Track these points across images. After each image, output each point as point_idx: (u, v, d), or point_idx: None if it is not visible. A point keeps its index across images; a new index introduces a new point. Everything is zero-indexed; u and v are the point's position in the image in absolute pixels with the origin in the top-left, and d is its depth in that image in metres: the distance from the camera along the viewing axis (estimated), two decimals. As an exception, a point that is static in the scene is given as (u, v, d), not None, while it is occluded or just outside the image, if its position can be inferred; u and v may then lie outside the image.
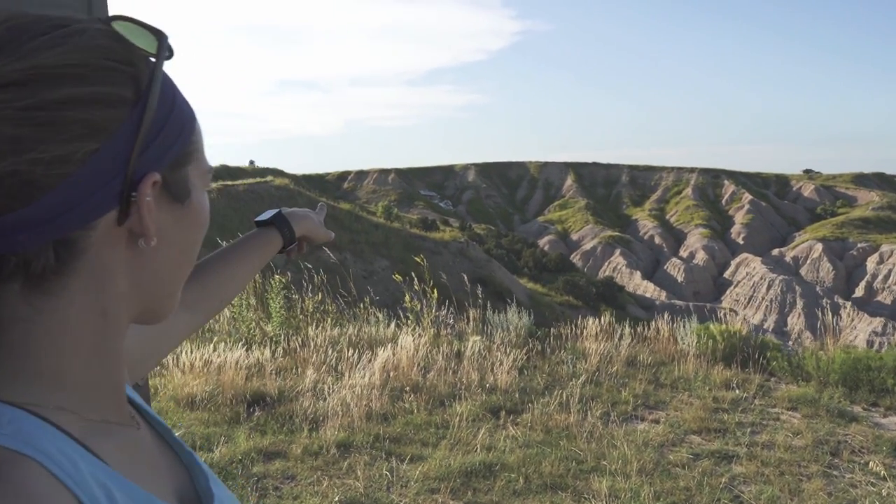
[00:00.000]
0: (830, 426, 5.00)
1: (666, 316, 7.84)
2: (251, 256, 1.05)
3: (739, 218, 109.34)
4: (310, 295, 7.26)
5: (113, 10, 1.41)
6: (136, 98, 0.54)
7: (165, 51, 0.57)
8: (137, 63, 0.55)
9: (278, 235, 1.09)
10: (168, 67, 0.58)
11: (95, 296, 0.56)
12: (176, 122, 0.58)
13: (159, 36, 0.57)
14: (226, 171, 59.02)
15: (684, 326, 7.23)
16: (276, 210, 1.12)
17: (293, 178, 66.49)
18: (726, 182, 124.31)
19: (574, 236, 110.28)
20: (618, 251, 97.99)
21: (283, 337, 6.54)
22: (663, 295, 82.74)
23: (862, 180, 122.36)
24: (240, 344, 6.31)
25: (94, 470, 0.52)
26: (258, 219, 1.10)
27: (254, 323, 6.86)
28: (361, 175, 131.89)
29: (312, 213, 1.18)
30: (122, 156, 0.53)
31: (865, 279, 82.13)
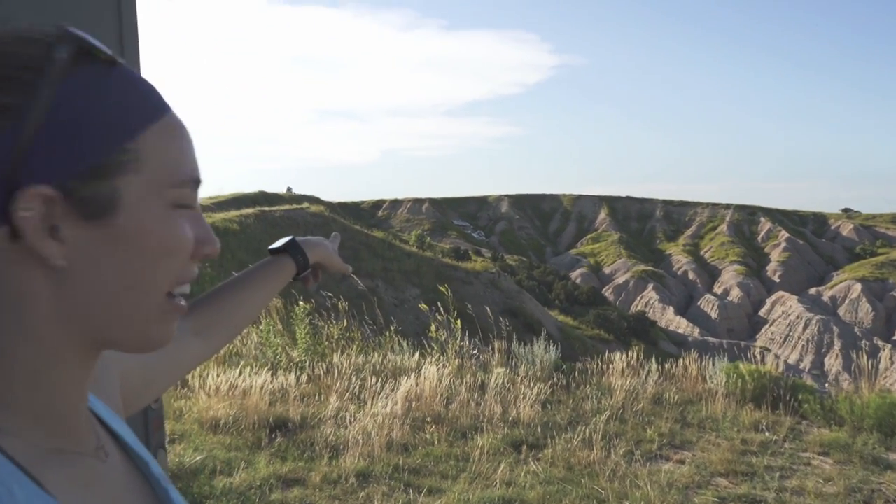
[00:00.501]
0: (864, 473, 4.80)
1: (695, 353, 7.68)
2: (264, 283, 1.04)
3: (776, 256, 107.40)
4: (334, 322, 7.28)
5: (148, 17, 1.44)
6: (23, 106, 0.50)
7: (60, 51, 0.52)
8: (49, 71, 0.51)
9: (291, 262, 1.08)
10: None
11: (17, 317, 0.53)
12: (92, 128, 0.52)
13: (53, 40, 0.52)
14: (264, 197, 59.97)
15: (713, 364, 7.07)
16: (290, 237, 1.11)
17: (329, 205, 67.21)
18: (762, 219, 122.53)
19: (606, 270, 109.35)
20: (650, 286, 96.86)
21: (308, 363, 6.55)
22: (696, 331, 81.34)
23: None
24: (265, 369, 6.33)
25: (32, 498, 0.50)
26: (272, 247, 1.09)
27: (280, 348, 6.89)
28: (396, 204, 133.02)
29: (326, 241, 1.17)
30: (2, 168, 0.49)
31: (906, 321, 79.73)
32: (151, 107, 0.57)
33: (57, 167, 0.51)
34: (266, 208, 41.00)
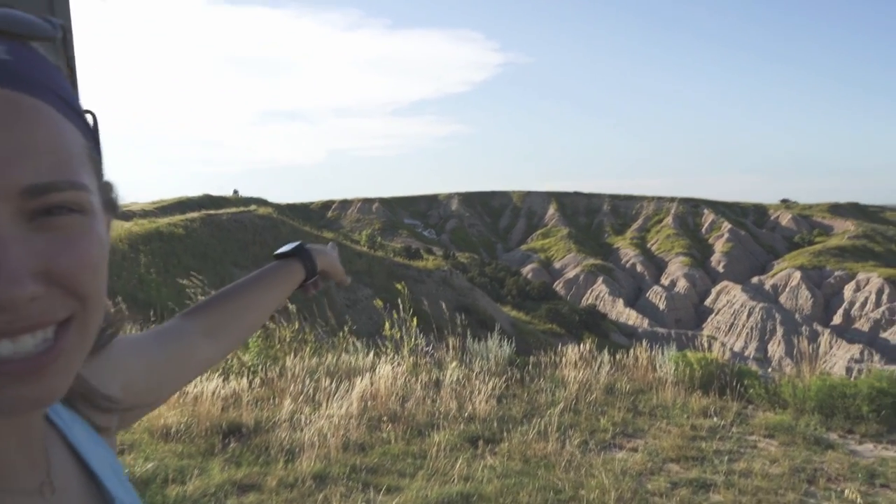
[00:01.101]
0: (807, 454, 4.99)
1: (645, 343, 7.84)
2: (274, 287, 1.03)
3: (719, 246, 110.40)
4: (285, 325, 7.19)
5: (81, 16, 1.40)
6: None
7: None
8: None
9: (301, 267, 1.07)
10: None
11: None
12: None
13: None
14: (209, 201, 58.78)
15: (663, 354, 7.23)
16: (298, 242, 1.11)
17: (277, 207, 66.33)
18: (706, 211, 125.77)
19: (557, 264, 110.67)
20: (600, 279, 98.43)
21: (260, 367, 6.46)
22: (645, 322, 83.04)
23: (838, 210, 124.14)
24: (217, 374, 6.22)
25: None
26: (278, 252, 1.09)
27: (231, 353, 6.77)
28: (345, 204, 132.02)
29: (330, 249, 1.17)
30: None
31: (843, 306, 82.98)
32: None
33: None
34: (212, 212, 40.10)
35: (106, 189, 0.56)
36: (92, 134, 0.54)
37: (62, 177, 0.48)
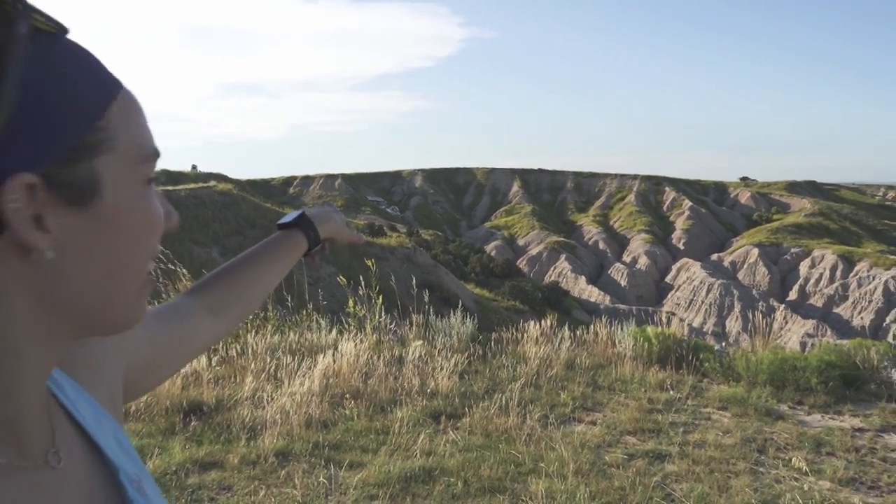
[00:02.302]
0: (758, 424, 5.18)
1: (605, 320, 8.00)
2: (276, 260, 1.02)
3: (680, 224, 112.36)
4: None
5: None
6: None
7: (20, 26, 0.46)
8: (14, 49, 0.46)
9: (303, 237, 1.06)
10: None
11: None
12: (61, 106, 0.48)
13: (12, 12, 0.46)
14: (167, 176, 57.61)
15: (622, 329, 7.39)
16: (299, 211, 1.10)
17: (237, 183, 65.33)
18: (667, 189, 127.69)
19: (520, 242, 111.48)
20: (563, 256, 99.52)
21: (220, 344, 6.43)
22: (607, 299, 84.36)
23: (795, 188, 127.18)
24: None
25: None
26: (281, 221, 1.08)
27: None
28: (307, 180, 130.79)
29: (334, 212, 1.15)
30: None
31: (798, 283, 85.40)
32: (109, 80, 0.54)
33: (34, 153, 0.47)
34: (170, 188, 39.39)
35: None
36: None
37: None
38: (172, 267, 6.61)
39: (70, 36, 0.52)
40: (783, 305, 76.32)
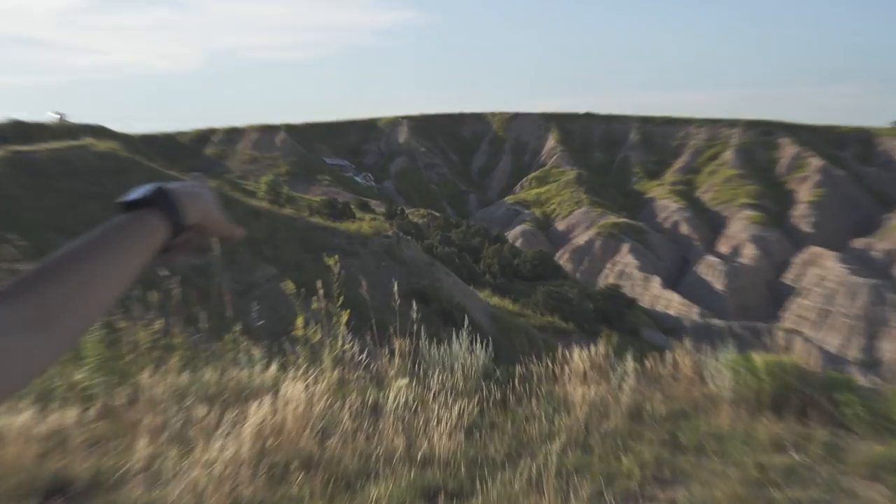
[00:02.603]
0: (928, 503, 5.16)
1: (691, 342, 7.96)
2: (124, 252, 1.03)
3: (805, 194, 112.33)
4: (142, 322, 7.16)
5: None
6: None
7: None
8: None
9: (160, 221, 1.08)
10: None
11: None
12: None
13: None
14: (18, 130, 57.65)
15: (717, 358, 7.36)
16: (155, 185, 1.11)
17: (126, 139, 65.47)
18: (784, 140, 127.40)
19: (560, 225, 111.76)
20: (626, 247, 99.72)
21: (100, 388, 6.44)
22: (694, 311, 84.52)
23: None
24: (28, 400, 6.17)
25: None
26: (127, 198, 1.09)
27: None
28: (234, 135, 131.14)
29: (203, 189, 1.18)
30: None
31: None
32: None
33: None
34: (23, 148, 39.49)
35: None
36: None
37: None
38: (23, 267, 6.60)
39: None
40: (963, 318, 76.33)
